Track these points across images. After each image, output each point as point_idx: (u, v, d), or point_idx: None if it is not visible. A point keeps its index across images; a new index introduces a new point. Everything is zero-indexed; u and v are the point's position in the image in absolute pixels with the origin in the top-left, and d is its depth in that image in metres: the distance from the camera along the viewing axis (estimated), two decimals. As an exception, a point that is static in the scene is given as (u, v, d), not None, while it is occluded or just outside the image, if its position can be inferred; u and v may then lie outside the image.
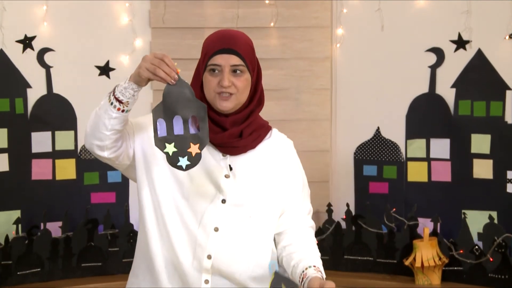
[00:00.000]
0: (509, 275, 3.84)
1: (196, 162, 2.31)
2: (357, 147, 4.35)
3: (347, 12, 4.31)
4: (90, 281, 4.02)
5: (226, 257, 2.45)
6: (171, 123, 2.30)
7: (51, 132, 4.19)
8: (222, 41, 2.42)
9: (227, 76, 2.39)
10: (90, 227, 4.10)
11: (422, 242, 3.93)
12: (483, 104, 4.10)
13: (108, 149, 2.39)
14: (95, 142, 2.37)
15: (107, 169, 4.21)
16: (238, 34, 2.48)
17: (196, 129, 2.31)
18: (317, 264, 2.35)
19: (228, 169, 2.47)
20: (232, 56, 2.40)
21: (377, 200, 4.26)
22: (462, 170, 4.16)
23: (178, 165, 2.30)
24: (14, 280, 3.92)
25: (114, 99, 2.31)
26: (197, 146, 2.30)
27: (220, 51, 2.40)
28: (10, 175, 4.10)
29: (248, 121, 2.47)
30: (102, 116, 2.33)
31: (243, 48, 2.43)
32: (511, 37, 4.01)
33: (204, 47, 2.46)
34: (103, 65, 4.25)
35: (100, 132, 2.35)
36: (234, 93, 2.41)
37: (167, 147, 2.29)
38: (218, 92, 2.40)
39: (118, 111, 2.31)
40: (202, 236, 2.43)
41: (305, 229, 2.52)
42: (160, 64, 2.26)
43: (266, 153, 2.52)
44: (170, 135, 2.30)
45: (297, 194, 2.55)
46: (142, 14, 4.31)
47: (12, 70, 4.09)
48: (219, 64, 2.39)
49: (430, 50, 4.20)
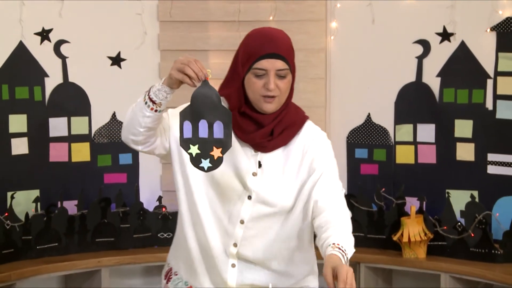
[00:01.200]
0: (488, 249, 3.84)
1: (218, 165, 2.27)
2: (350, 132, 4.36)
3: (340, 6, 4.30)
4: (103, 255, 4.03)
5: (250, 247, 2.43)
6: (196, 126, 2.25)
7: (67, 118, 4.19)
8: (267, 45, 2.33)
9: (273, 79, 2.31)
10: (103, 205, 4.10)
11: (409, 219, 3.94)
12: (466, 92, 4.11)
13: (141, 144, 2.38)
14: (130, 136, 2.37)
15: (119, 152, 4.29)
16: (281, 35, 2.38)
17: (220, 134, 2.26)
18: (340, 241, 2.21)
19: (257, 165, 2.41)
20: (278, 60, 2.32)
21: (368, 181, 4.28)
22: (446, 153, 4.18)
23: (200, 166, 2.27)
24: (33, 253, 3.93)
25: (148, 99, 2.29)
26: (219, 150, 2.26)
27: (266, 56, 2.32)
28: (30, 158, 4.09)
29: (280, 118, 2.39)
30: (137, 113, 2.32)
31: (286, 51, 2.35)
32: (492, 30, 4.01)
33: (247, 47, 2.38)
34: (114, 56, 4.26)
35: (135, 128, 2.34)
36: (278, 95, 2.34)
37: (191, 148, 2.26)
38: (263, 95, 2.33)
39: (152, 110, 2.29)
40: (229, 226, 2.42)
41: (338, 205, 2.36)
42: (190, 63, 2.22)
43: (296, 149, 2.42)
44: (195, 138, 2.25)
45: (326, 171, 2.38)
46: (151, 9, 4.30)
47: (31, 61, 4.09)
48: (265, 68, 2.31)
49: (417, 42, 4.21)
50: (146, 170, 4.36)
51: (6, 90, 4.02)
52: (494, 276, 3.71)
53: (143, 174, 4.35)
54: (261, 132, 2.37)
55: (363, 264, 4.05)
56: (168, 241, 4.10)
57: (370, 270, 4.10)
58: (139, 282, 4.41)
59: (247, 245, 2.43)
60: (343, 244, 2.20)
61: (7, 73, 4.02)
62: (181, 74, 2.22)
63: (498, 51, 4.02)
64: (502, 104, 4.03)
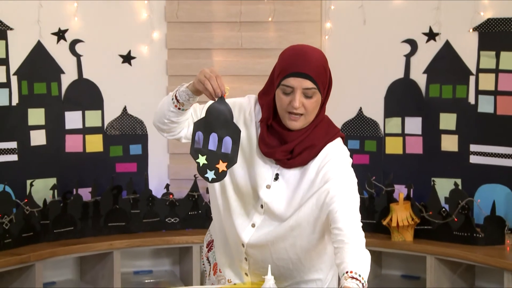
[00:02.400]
0: (470, 233, 3.86)
1: (221, 178, 2.22)
2: (343, 124, 4.33)
3: (334, 8, 4.28)
4: (115, 238, 4.03)
5: (256, 248, 2.38)
6: (207, 138, 2.21)
7: (82, 112, 4.19)
8: (297, 63, 2.22)
9: (298, 98, 2.21)
10: (115, 193, 4.10)
11: (397, 205, 3.95)
12: (450, 87, 4.11)
13: (166, 132, 2.36)
14: (158, 124, 2.35)
15: (130, 143, 4.30)
16: (314, 54, 2.25)
17: (227, 149, 2.21)
18: (354, 269, 2.11)
19: (273, 178, 2.33)
20: (305, 80, 2.21)
21: (360, 170, 3.99)
22: (432, 144, 4.18)
23: (205, 176, 2.22)
24: (51, 237, 3.93)
25: (174, 96, 2.27)
26: (224, 165, 2.20)
27: (295, 74, 2.21)
28: (47, 148, 4.09)
29: (303, 136, 2.27)
30: (165, 105, 2.30)
31: (316, 70, 2.22)
32: (474, 30, 4.01)
33: (280, 62, 2.28)
34: (125, 54, 4.26)
35: (161, 118, 2.32)
36: (303, 113, 2.24)
37: (200, 158, 2.21)
38: (289, 112, 2.24)
39: (175, 107, 2.27)
40: (240, 228, 2.38)
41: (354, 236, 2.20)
42: (211, 78, 2.17)
43: (313, 168, 2.29)
44: (205, 148, 2.20)
45: (341, 198, 2.22)
46: (159, 10, 4.29)
47: (48, 58, 4.08)
48: (292, 86, 2.21)
49: (405, 41, 4.20)
50: (154, 160, 4.36)
51: (26, 86, 4.01)
52: (476, 258, 3.73)
53: (152, 164, 4.34)
54: (283, 148, 2.28)
55: None
56: (174, 225, 4.19)
57: None
58: (148, 263, 4.41)
59: (254, 247, 2.38)
60: (358, 271, 2.11)
61: (26, 70, 4.01)
62: (202, 86, 2.19)
63: (480, 49, 4.02)
64: (483, 98, 4.03)
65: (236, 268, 2.48)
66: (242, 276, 2.49)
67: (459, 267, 3.98)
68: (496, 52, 3.99)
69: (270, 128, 2.31)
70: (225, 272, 2.51)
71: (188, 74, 2.83)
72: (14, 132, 4.01)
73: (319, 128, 2.31)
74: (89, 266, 4.17)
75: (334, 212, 2.21)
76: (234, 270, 2.49)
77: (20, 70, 4.01)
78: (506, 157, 4.00)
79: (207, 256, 2.61)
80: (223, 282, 2.52)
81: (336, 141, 2.34)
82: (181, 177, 4.33)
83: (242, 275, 2.48)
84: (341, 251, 2.16)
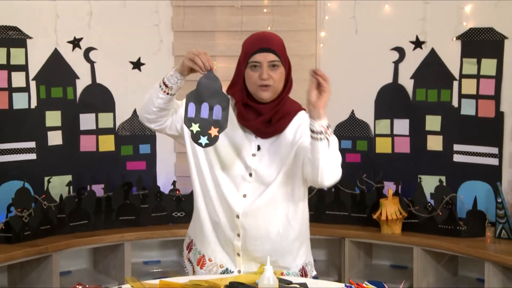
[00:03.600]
0: (454, 226, 3.86)
1: (214, 142, 2.30)
2: (336, 126, 4.34)
3: (328, 18, 4.30)
4: (126, 231, 4.03)
5: (250, 217, 2.44)
6: (199, 108, 2.29)
7: (95, 114, 4.20)
8: (260, 42, 2.38)
9: (266, 70, 2.35)
10: (126, 189, 4.10)
11: (386, 200, 3.95)
12: (435, 91, 4.12)
13: (153, 122, 2.44)
14: (145, 115, 2.43)
15: (139, 143, 4.29)
16: (272, 34, 2.44)
17: (218, 116, 2.29)
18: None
19: (256, 149, 2.44)
20: (269, 53, 2.36)
21: (352, 168, 4.19)
22: (419, 144, 4.19)
23: (199, 142, 2.29)
24: (67, 229, 3.93)
25: (162, 83, 2.36)
26: (216, 130, 2.28)
27: (259, 50, 2.36)
28: (63, 148, 4.11)
29: (277, 108, 2.40)
30: (153, 95, 2.38)
31: (277, 46, 2.38)
32: (457, 38, 4.03)
33: (244, 47, 2.42)
34: (135, 61, 4.27)
35: (149, 108, 2.40)
36: (272, 84, 2.37)
37: (193, 126, 2.29)
38: (259, 85, 2.36)
39: (164, 93, 2.36)
40: (233, 200, 2.44)
41: None
42: (199, 54, 2.29)
43: (289, 134, 2.43)
44: (197, 117, 2.28)
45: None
46: (166, 20, 4.31)
47: (64, 65, 4.10)
48: (258, 61, 2.36)
49: (393, 49, 4.22)
50: (162, 158, 4.37)
51: (44, 90, 4.02)
52: (459, 249, 3.74)
53: (160, 162, 4.35)
54: (260, 119, 2.40)
55: (347, 238, 4.06)
56: (181, 219, 4.15)
57: (353, 244, 4.10)
58: (156, 254, 4.41)
59: (248, 216, 2.44)
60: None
61: (44, 76, 4.03)
62: (191, 62, 2.29)
63: (463, 57, 4.04)
64: (465, 102, 4.05)
65: (229, 250, 2.51)
66: (234, 257, 2.51)
67: (444, 257, 3.99)
68: (477, 59, 4.01)
69: (246, 106, 2.43)
70: (216, 259, 2.54)
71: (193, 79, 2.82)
72: (32, 132, 4.02)
73: (288, 101, 2.46)
74: (101, 257, 4.18)
75: (304, 143, 2.35)
76: (226, 252, 2.52)
77: (39, 76, 4.03)
78: (486, 156, 4.00)
79: (188, 257, 2.65)
80: (215, 270, 2.55)
81: (304, 112, 2.48)
82: (187, 174, 4.18)
83: (234, 256, 2.51)
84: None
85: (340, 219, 4.19)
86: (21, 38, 3.96)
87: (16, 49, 3.93)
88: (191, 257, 2.63)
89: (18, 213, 3.73)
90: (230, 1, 4.31)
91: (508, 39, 3.92)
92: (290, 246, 2.52)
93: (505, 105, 3.96)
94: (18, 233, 3.72)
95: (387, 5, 4.22)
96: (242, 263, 2.51)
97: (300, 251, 2.56)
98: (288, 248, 2.52)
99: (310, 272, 2.60)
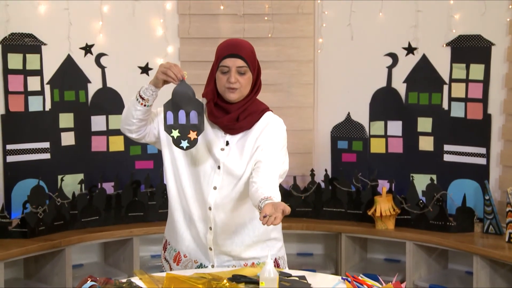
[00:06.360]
0: (444, 221, 3.87)
1: (194, 144, 2.36)
2: (333, 127, 4.37)
3: (325, 26, 4.31)
4: (134, 226, 4.03)
5: (220, 209, 2.45)
6: (177, 115, 2.35)
7: (106, 116, 4.20)
8: (230, 48, 2.41)
9: (233, 75, 2.39)
10: (134, 187, 4.11)
11: (381, 197, 3.97)
12: (427, 95, 4.12)
13: (135, 132, 2.48)
14: (125, 126, 2.47)
15: (147, 144, 4.30)
16: (243, 42, 2.46)
17: (195, 120, 2.36)
18: (272, 195, 2.22)
19: (225, 144, 2.46)
20: (238, 59, 2.39)
21: (348, 167, 4.26)
22: (411, 144, 4.19)
23: (180, 146, 2.36)
24: (79, 225, 3.95)
25: (139, 96, 2.40)
26: (195, 133, 2.35)
27: (229, 56, 2.39)
28: (76, 148, 4.11)
29: (244, 107, 2.44)
30: (131, 108, 2.42)
31: (246, 53, 2.41)
32: (447, 45, 4.04)
33: (217, 52, 2.45)
34: (143, 66, 4.27)
35: (129, 120, 2.44)
36: (239, 88, 2.40)
37: (173, 132, 2.35)
38: (227, 87, 2.40)
39: (141, 105, 2.40)
40: (205, 193, 2.46)
41: (271, 170, 2.37)
42: (171, 67, 2.34)
43: (257, 131, 2.46)
44: (176, 124, 2.35)
45: (271, 146, 2.42)
46: (173, 28, 4.30)
47: (77, 70, 4.11)
48: (227, 65, 2.39)
49: (387, 55, 4.23)
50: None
51: (57, 94, 4.04)
52: (449, 243, 3.76)
53: None
54: (228, 117, 2.44)
55: (343, 234, 4.07)
56: None
57: (349, 239, 4.10)
58: None
59: (219, 208, 2.45)
60: (274, 198, 2.21)
61: (58, 80, 4.04)
62: (164, 75, 2.34)
63: (452, 62, 4.05)
64: (455, 105, 4.05)
65: (201, 244, 2.51)
66: (207, 252, 2.51)
67: (435, 251, 4.00)
68: (466, 65, 4.01)
69: (216, 105, 2.47)
70: (190, 254, 2.54)
71: (198, 83, 2.80)
72: (47, 133, 4.03)
73: (255, 102, 2.49)
74: (112, 251, 4.19)
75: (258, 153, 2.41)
76: (199, 247, 2.52)
77: (52, 80, 4.04)
78: (475, 155, 4.01)
79: (164, 257, 2.65)
80: (190, 265, 2.55)
81: (271, 112, 2.53)
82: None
83: (207, 250, 2.51)
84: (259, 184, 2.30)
85: (336, 216, 4.19)
86: (37, 44, 3.98)
87: (31, 55, 3.96)
88: (167, 256, 2.63)
89: (33, 209, 3.74)
90: (233, 10, 4.32)
91: (495, 46, 3.93)
92: (259, 238, 2.52)
93: (492, 107, 3.96)
94: (33, 228, 3.73)
95: (381, 13, 4.23)
96: (215, 257, 2.52)
97: (270, 243, 2.55)
98: (256, 240, 2.52)
99: (283, 266, 2.59)
